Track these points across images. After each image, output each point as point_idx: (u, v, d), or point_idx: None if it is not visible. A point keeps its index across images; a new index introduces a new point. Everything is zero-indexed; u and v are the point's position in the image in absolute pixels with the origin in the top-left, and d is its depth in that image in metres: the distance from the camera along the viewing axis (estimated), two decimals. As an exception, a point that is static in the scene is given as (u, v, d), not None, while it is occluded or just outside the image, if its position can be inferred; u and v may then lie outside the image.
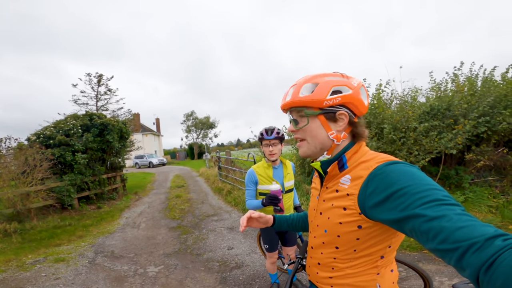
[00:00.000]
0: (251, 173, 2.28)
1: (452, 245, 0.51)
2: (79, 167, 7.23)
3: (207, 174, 13.43)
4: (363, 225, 0.76)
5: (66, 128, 7.48)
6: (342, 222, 0.80)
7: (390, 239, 0.78)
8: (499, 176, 4.63)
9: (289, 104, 0.87)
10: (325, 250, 0.89)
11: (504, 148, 4.56)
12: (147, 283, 3.20)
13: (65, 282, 3.33)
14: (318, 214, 0.92)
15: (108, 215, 6.76)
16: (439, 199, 0.58)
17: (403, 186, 0.63)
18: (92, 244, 4.72)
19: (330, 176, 0.86)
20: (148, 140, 35.54)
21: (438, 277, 2.79)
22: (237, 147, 71.76)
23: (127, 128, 9.17)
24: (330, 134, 0.84)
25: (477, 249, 0.48)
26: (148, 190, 11.06)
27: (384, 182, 0.68)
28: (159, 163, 27.36)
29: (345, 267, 0.85)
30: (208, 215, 6.23)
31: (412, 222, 0.58)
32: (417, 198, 0.59)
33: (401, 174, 0.66)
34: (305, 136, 0.88)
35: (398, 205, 0.62)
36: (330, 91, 0.81)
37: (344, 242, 0.82)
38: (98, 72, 18.39)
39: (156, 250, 4.25)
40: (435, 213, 0.55)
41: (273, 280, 2.73)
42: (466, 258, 0.49)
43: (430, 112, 5.06)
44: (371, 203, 0.70)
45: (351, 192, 0.77)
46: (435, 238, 0.54)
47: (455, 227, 0.52)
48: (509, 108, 4.35)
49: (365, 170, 0.75)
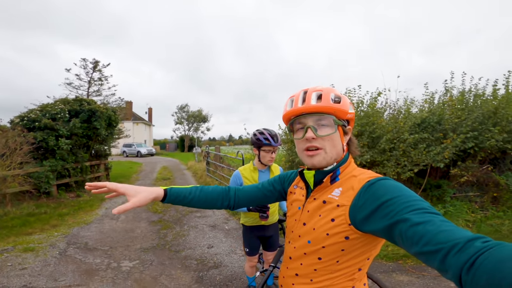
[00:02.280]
0: (236, 175, 2.24)
1: (434, 246, 0.53)
2: (62, 152, 6.97)
3: (195, 168, 13.27)
4: (351, 236, 0.77)
5: (53, 112, 7.19)
6: (329, 233, 0.80)
7: (370, 250, 0.81)
8: (480, 192, 4.70)
9: (320, 108, 0.84)
10: (306, 261, 0.87)
11: (489, 165, 4.63)
12: (119, 278, 3.07)
13: (31, 273, 3.17)
14: (300, 225, 0.91)
15: (87, 204, 6.52)
16: (425, 208, 0.62)
17: (392, 196, 0.68)
18: (65, 235, 4.53)
19: (321, 187, 0.87)
20: (138, 129, 34.92)
21: None
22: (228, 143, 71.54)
23: (116, 116, 8.93)
24: (344, 145, 0.89)
25: (458, 250, 0.50)
26: (133, 180, 10.81)
27: (375, 194, 0.72)
28: (147, 153, 26.91)
29: (324, 279, 0.85)
30: (191, 210, 6.10)
31: (400, 227, 0.62)
32: (405, 206, 0.64)
33: (390, 187, 0.71)
34: (325, 145, 0.85)
35: (388, 213, 0.66)
36: (350, 106, 0.89)
37: (328, 253, 0.82)
38: (95, 59, 17.95)
39: (133, 244, 4.11)
40: (420, 219, 0.59)
41: (249, 282, 2.67)
42: (448, 259, 0.50)
43: (421, 125, 5.09)
44: (362, 215, 0.73)
45: (342, 203, 0.79)
46: (419, 242, 0.56)
47: (438, 230, 0.55)
48: (498, 126, 4.40)
49: (357, 183, 0.79)
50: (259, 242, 2.40)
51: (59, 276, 3.11)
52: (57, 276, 3.10)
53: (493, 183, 4.48)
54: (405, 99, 5.89)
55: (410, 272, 3.12)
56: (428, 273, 3.02)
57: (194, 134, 39.01)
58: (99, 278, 3.06)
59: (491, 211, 4.28)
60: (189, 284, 2.96)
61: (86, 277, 3.08)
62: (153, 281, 3.03)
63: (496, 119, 4.50)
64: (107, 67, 18.60)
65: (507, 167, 4.72)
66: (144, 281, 3.02)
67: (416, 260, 3.29)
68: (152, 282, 3.00)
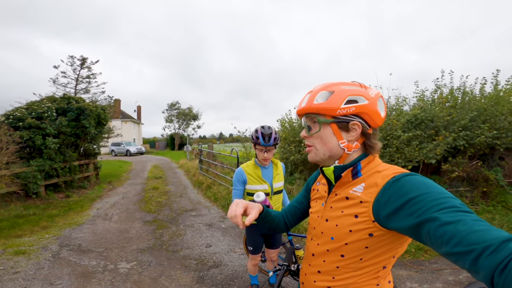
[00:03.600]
0: (240, 172, 2.19)
1: (466, 247, 0.52)
2: (49, 152, 6.73)
3: (187, 166, 13.12)
4: (375, 233, 0.76)
5: (40, 111, 6.93)
6: (352, 230, 0.79)
7: (396, 248, 0.79)
8: (470, 187, 4.85)
9: (303, 110, 0.88)
10: (329, 258, 0.87)
11: (479, 161, 4.78)
12: (118, 280, 3.00)
13: (25, 277, 3.05)
14: (323, 221, 0.90)
15: (77, 205, 6.33)
16: (455, 206, 0.59)
17: (419, 193, 0.65)
18: (57, 236, 4.39)
19: (341, 182, 0.85)
20: (127, 127, 34.19)
21: (409, 282, 2.86)
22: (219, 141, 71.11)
23: (106, 114, 8.70)
24: (341, 143, 0.84)
25: (492, 252, 0.48)
26: (123, 179, 10.59)
27: (400, 191, 0.68)
28: (137, 152, 26.43)
29: (347, 277, 0.83)
30: (186, 209, 6.04)
31: (428, 227, 0.59)
32: (433, 204, 0.61)
33: (417, 184, 0.67)
34: (314, 143, 0.88)
35: (415, 211, 0.63)
36: (345, 100, 0.81)
37: (351, 250, 0.80)
38: (82, 55, 17.45)
39: (129, 245, 4.03)
40: (450, 218, 0.56)
41: (252, 281, 2.66)
42: (481, 261, 0.49)
43: (413, 122, 5.20)
44: (387, 212, 0.70)
45: (365, 199, 0.77)
46: (449, 242, 0.55)
47: (469, 230, 0.53)
48: (488, 123, 4.54)
49: (381, 179, 0.75)
50: (263, 240, 2.39)
51: (55, 279, 3.01)
52: (53, 280, 3.00)
53: (483, 178, 4.63)
54: (397, 97, 6.01)
55: (409, 266, 3.19)
56: (425, 268, 3.11)
57: (185, 132, 38.56)
58: (97, 281, 2.98)
59: (481, 206, 4.43)
60: (190, 285, 2.92)
61: (83, 280, 3.00)
62: (153, 282, 2.98)
63: (486, 116, 4.65)
64: (95, 64, 18.15)
65: (495, 162, 4.89)
66: (144, 283, 2.96)
67: (414, 255, 3.37)
68: (152, 284, 2.95)
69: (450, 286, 2.71)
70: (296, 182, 6.03)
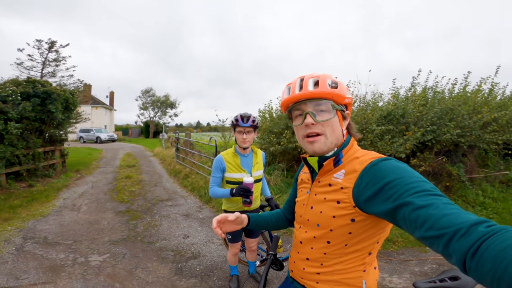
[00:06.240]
0: (219, 159, 2.18)
1: (438, 231, 0.53)
2: (11, 137, 6.15)
3: (162, 154, 12.74)
4: (356, 218, 0.78)
5: (4, 94, 6.28)
6: (335, 215, 0.81)
7: (379, 233, 0.81)
8: (435, 181, 5.21)
9: (318, 94, 0.84)
10: (316, 245, 0.89)
11: (444, 157, 5.13)
12: (90, 273, 2.87)
13: (-17, 272, 2.81)
14: (308, 208, 0.92)
15: (41, 195, 5.91)
16: (428, 190, 0.61)
17: (394, 178, 0.67)
18: (20, 229, 4.08)
19: (324, 170, 0.87)
20: (98, 113, 32.28)
21: (380, 273, 2.97)
22: (196, 129, 69.70)
23: (74, 99, 8.10)
24: (343, 130, 0.89)
25: (462, 235, 0.49)
26: (93, 168, 10.03)
27: (377, 176, 0.71)
28: (108, 139, 25.14)
29: (334, 263, 0.86)
30: (161, 199, 5.89)
31: (403, 211, 0.61)
32: (407, 188, 0.62)
33: (392, 168, 0.70)
34: (325, 131, 0.85)
35: (391, 196, 0.65)
36: (347, 91, 0.88)
37: (336, 236, 0.82)
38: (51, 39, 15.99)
39: (100, 237, 3.85)
40: (423, 202, 0.58)
41: (232, 272, 2.67)
42: (452, 245, 0.50)
43: (387, 117, 5.43)
44: (365, 196, 0.72)
45: (346, 185, 0.79)
46: (423, 226, 0.56)
47: (440, 214, 0.54)
48: (454, 121, 4.87)
49: (359, 164, 0.78)
50: (242, 228, 2.40)
51: (20, 273, 2.81)
52: (18, 274, 2.80)
53: (446, 173, 4.99)
54: (373, 93, 6.23)
55: (379, 257, 3.36)
56: (394, 258, 3.30)
57: (161, 120, 37.24)
58: (67, 275, 2.83)
59: (443, 198, 4.78)
60: (168, 276, 2.87)
61: (51, 274, 2.83)
62: (128, 275, 2.89)
63: (453, 115, 4.97)
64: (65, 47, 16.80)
65: (458, 159, 5.28)
66: (119, 276, 2.86)
67: (384, 246, 3.56)
68: (127, 276, 2.86)
69: (417, 276, 2.89)
70: (274, 173, 6.10)
